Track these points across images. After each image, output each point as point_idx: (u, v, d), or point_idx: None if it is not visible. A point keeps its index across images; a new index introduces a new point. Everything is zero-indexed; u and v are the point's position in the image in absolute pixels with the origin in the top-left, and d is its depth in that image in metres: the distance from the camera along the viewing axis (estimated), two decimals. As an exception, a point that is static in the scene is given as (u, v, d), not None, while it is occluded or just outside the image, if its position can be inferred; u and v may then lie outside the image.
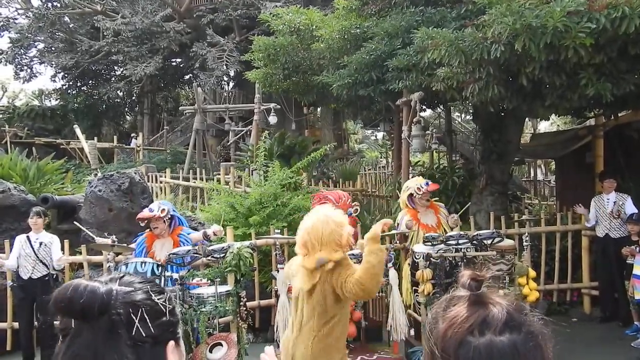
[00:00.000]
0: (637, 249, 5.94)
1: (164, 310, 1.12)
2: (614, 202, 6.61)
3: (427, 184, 5.70)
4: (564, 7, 4.51)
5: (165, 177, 11.97)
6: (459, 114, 21.52)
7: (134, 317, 1.05)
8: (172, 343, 1.12)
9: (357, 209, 6.03)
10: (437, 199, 6.27)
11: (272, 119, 14.14)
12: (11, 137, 19.01)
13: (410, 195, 5.71)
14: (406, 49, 6.47)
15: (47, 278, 5.56)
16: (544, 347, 0.95)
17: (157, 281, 4.22)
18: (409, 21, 6.76)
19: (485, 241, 5.00)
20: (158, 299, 1.12)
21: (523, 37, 4.68)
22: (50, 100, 26.62)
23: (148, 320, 1.06)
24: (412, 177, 6.92)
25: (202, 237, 5.02)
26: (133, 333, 1.04)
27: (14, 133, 19.77)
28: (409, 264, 5.44)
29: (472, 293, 1.01)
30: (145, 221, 4.97)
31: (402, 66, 6.52)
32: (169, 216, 4.99)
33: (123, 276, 1.14)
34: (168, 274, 4.66)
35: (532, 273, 5.16)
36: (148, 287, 1.13)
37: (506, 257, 4.96)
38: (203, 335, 4.53)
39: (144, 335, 1.05)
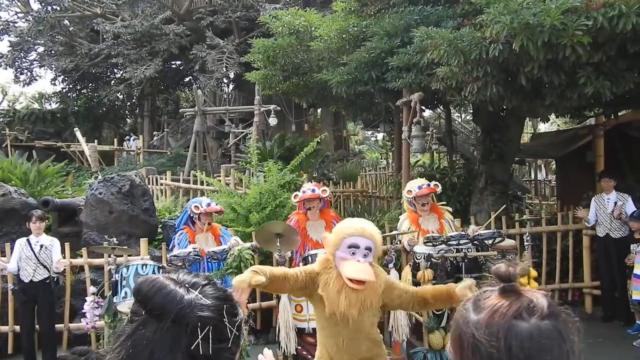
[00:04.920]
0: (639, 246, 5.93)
1: (229, 337, 1.10)
2: (615, 203, 6.58)
3: (419, 187, 5.42)
4: (560, 4, 4.51)
5: (165, 179, 11.98)
6: (458, 114, 21.51)
7: (199, 333, 1.04)
8: None
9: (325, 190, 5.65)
10: (444, 203, 6.04)
11: (272, 121, 14.14)
12: (12, 141, 19.08)
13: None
14: (406, 47, 6.46)
15: (48, 281, 5.56)
16: (577, 334, 1.04)
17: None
18: (408, 20, 6.76)
19: (486, 241, 4.99)
20: (229, 324, 1.10)
21: (521, 36, 4.67)
22: (50, 104, 26.68)
23: (210, 341, 1.05)
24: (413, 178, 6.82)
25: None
26: (192, 347, 1.03)
27: (15, 136, 19.83)
28: (409, 265, 5.43)
29: (507, 284, 1.07)
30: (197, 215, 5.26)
31: (402, 65, 6.51)
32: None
33: (208, 284, 1.12)
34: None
35: (534, 273, 5.16)
36: (225, 306, 1.10)
37: (507, 257, 4.96)
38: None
39: (200, 352, 1.04)
